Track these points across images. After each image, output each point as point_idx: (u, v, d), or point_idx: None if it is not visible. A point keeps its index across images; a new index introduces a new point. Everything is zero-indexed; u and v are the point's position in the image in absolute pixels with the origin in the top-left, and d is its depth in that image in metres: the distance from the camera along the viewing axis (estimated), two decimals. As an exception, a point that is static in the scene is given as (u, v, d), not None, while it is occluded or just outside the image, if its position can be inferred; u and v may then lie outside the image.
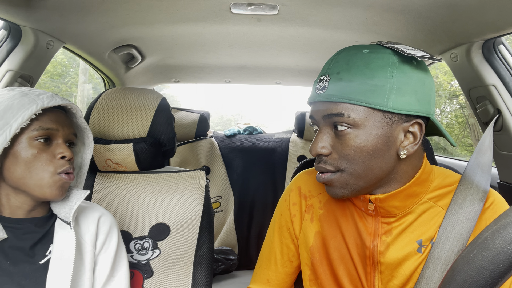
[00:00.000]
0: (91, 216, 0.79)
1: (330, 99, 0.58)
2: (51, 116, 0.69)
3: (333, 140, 0.60)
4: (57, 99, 0.70)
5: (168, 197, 1.03)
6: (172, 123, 1.07)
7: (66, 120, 0.73)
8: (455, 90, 6.69)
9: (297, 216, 0.75)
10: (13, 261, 0.68)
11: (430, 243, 0.62)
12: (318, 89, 0.60)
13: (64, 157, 0.70)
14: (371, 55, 0.57)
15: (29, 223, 0.71)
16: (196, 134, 2.09)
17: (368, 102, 0.56)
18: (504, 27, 0.93)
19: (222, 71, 2.00)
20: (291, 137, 2.18)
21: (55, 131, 0.69)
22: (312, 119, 0.63)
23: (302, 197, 0.75)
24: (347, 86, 0.56)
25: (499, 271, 0.31)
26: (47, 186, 0.68)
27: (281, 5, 1.07)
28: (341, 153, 0.58)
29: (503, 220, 0.33)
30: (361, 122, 0.56)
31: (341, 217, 0.69)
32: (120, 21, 1.22)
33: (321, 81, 0.59)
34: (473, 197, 0.61)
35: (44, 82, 8.40)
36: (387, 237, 0.64)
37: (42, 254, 0.70)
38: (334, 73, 0.58)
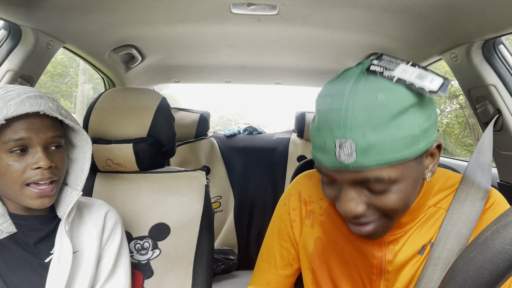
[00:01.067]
0: (98, 212, 0.80)
1: (363, 169, 0.50)
2: (21, 124, 0.64)
3: (369, 198, 0.53)
4: (25, 105, 0.63)
5: (168, 197, 1.03)
6: (172, 123, 1.07)
7: (42, 124, 0.66)
8: (455, 90, 6.68)
9: (297, 221, 0.73)
10: (21, 254, 0.69)
11: (429, 244, 0.61)
12: (342, 155, 0.50)
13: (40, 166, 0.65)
14: (390, 101, 0.48)
15: (34, 220, 0.72)
16: (196, 134, 2.09)
17: (405, 157, 0.50)
18: (504, 27, 0.93)
19: (222, 71, 2.00)
20: (291, 137, 2.18)
21: (28, 140, 0.65)
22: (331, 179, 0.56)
23: (302, 203, 0.73)
24: (380, 150, 0.48)
25: (499, 271, 0.31)
26: (22, 198, 0.66)
27: (281, 5, 1.07)
28: (382, 208, 0.53)
29: (503, 220, 0.33)
30: (400, 177, 0.51)
31: (344, 225, 0.67)
32: (120, 21, 1.22)
33: (343, 147, 0.49)
34: (474, 196, 0.61)
35: (44, 82, 8.40)
36: (394, 245, 0.63)
37: (47, 252, 0.71)
38: (358, 135, 0.48)
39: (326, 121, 0.52)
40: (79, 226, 0.77)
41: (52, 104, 0.68)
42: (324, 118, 0.52)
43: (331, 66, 1.81)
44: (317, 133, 0.54)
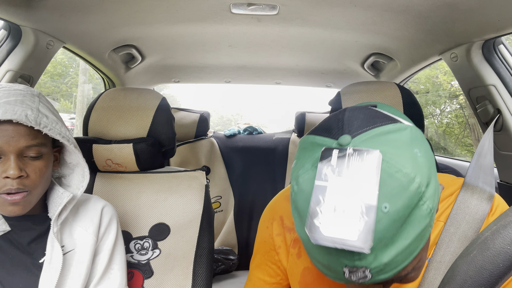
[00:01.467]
0: (94, 208, 0.80)
1: (381, 281, 0.43)
2: None
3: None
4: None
5: (168, 197, 1.03)
6: (172, 123, 1.07)
7: (16, 132, 0.63)
8: (455, 90, 6.69)
9: (282, 247, 0.68)
10: (15, 255, 0.69)
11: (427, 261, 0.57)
12: (353, 277, 0.41)
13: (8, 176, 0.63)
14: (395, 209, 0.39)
15: (26, 220, 0.71)
16: (196, 134, 2.09)
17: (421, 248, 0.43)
18: (504, 27, 0.93)
19: (222, 71, 2.00)
20: (291, 137, 2.18)
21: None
22: None
23: (286, 230, 0.68)
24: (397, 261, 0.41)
25: (499, 271, 0.31)
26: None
27: (281, 5, 1.07)
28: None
29: (503, 220, 0.33)
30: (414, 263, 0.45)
31: None
32: (120, 21, 1.22)
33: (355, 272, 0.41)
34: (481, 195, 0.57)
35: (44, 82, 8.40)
36: None
37: (41, 252, 0.71)
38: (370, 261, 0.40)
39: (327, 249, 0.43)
40: (74, 223, 0.76)
41: (32, 111, 0.64)
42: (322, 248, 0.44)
43: (331, 66, 1.81)
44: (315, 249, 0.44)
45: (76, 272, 0.74)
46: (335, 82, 2.11)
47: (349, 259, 0.40)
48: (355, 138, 0.42)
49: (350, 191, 0.39)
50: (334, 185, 0.40)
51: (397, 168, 0.40)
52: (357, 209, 0.38)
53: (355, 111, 0.46)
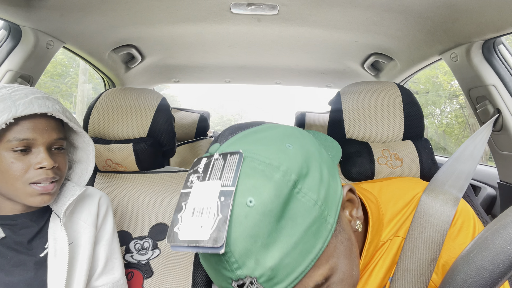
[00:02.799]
0: (92, 200, 0.81)
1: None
2: (27, 124, 0.65)
3: None
4: (34, 105, 0.64)
5: (168, 197, 1.03)
6: (172, 123, 1.07)
7: (47, 126, 0.67)
8: (455, 90, 6.69)
9: None
10: (13, 256, 0.68)
11: (388, 280, 0.53)
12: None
13: (43, 166, 0.66)
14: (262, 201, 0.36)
15: (24, 218, 0.71)
16: (196, 134, 2.09)
17: (320, 248, 0.39)
18: (504, 27, 0.93)
19: (222, 71, 2.00)
20: (291, 137, 2.18)
21: (32, 140, 0.65)
22: None
23: None
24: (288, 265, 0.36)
25: (499, 271, 0.31)
26: (24, 196, 0.66)
27: (281, 5, 1.07)
28: None
29: (503, 220, 0.33)
30: (333, 265, 0.40)
31: None
32: (120, 21, 1.22)
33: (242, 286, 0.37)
34: (446, 196, 0.54)
35: (44, 82, 8.40)
36: None
37: (42, 247, 0.71)
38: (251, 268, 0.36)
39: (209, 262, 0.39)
40: (73, 216, 0.77)
41: (59, 106, 0.69)
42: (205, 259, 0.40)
43: (331, 66, 1.81)
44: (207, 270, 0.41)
45: (81, 264, 0.74)
46: (335, 82, 2.11)
47: (228, 269, 0.36)
48: (223, 145, 0.42)
49: (209, 193, 0.37)
50: (196, 190, 0.38)
51: (260, 161, 0.38)
52: (212, 208, 0.36)
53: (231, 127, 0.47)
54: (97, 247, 0.80)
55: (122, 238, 0.98)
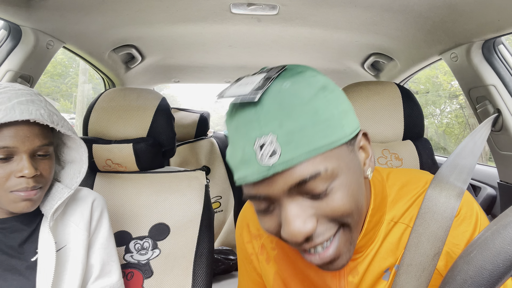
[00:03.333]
0: (85, 203, 0.78)
1: (292, 164, 0.41)
2: (8, 131, 0.61)
3: (314, 208, 0.44)
4: (15, 112, 0.60)
5: (168, 197, 1.03)
6: (172, 123, 1.07)
7: (30, 132, 0.64)
8: (455, 90, 6.69)
9: (254, 254, 0.67)
10: (4, 260, 0.67)
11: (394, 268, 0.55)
12: (265, 157, 0.42)
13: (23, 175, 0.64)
14: (296, 87, 0.44)
15: (15, 221, 0.70)
16: (196, 134, 2.09)
17: (334, 142, 0.43)
18: (504, 27, 0.93)
19: (222, 71, 2.00)
20: (291, 137, 2.18)
21: (13, 148, 0.62)
22: (263, 200, 0.46)
23: (252, 237, 0.66)
24: (304, 137, 0.42)
25: (499, 271, 0.31)
26: (6, 203, 0.65)
27: (281, 5, 1.07)
28: (333, 214, 0.44)
29: (503, 220, 0.33)
30: (337, 169, 0.44)
31: (297, 258, 0.60)
32: (120, 21, 1.22)
33: (263, 145, 0.42)
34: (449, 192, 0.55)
35: (44, 82, 8.40)
36: (353, 277, 0.56)
37: (33, 251, 0.70)
38: (275, 127, 0.42)
39: (238, 129, 0.45)
40: (65, 219, 0.75)
41: (44, 110, 0.65)
42: (235, 129, 0.46)
43: (331, 66, 1.81)
44: (234, 148, 0.46)
45: (72, 268, 0.73)
46: (335, 82, 2.11)
47: (256, 127, 0.43)
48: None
49: (255, 77, 0.48)
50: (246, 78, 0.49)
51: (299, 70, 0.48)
52: (255, 81, 0.46)
53: None
54: (92, 250, 0.78)
55: (122, 238, 0.98)
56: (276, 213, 0.46)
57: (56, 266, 0.69)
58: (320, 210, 0.44)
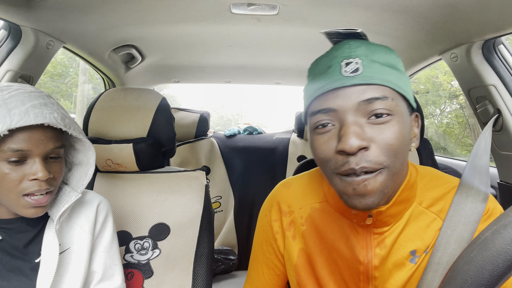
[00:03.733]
0: (90, 206, 0.79)
1: (370, 81, 0.51)
2: (23, 135, 0.62)
3: (369, 132, 0.51)
4: (30, 116, 0.61)
5: (168, 197, 1.03)
6: (172, 123, 1.07)
7: (44, 136, 0.64)
8: (455, 90, 6.69)
9: (279, 233, 0.70)
10: (9, 260, 0.68)
11: (424, 253, 0.59)
12: (347, 72, 0.52)
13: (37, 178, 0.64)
14: (380, 48, 0.56)
15: (21, 222, 0.70)
16: (196, 134, 2.09)
17: (400, 87, 0.53)
18: (504, 27, 0.93)
19: (222, 71, 2.00)
20: (291, 137, 2.18)
21: (27, 151, 0.63)
22: (328, 114, 0.53)
23: (282, 214, 0.70)
24: (383, 69, 0.52)
25: (499, 271, 0.31)
26: (16, 207, 0.65)
27: (281, 5, 1.07)
28: (383, 145, 0.50)
29: (503, 220, 0.33)
30: (398, 108, 0.52)
31: (327, 232, 0.65)
32: (120, 21, 1.22)
33: (349, 64, 0.52)
34: (475, 198, 0.58)
35: (44, 82, 8.40)
36: (381, 249, 0.60)
37: (37, 252, 0.70)
38: (362, 54, 0.53)
39: (327, 53, 0.56)
40: (70, 221, 0.76)
41: (57, 113, 0.66)
42: (325, 54, 0.57)
43: (331, 66, 1.81)
44: (318, 66, 0.57)
45: (73, 270, 0.73)
46: (335, 82, 2.11)
47: (346, 51, 0.54)
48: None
49: None
50: None
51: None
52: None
53: None
54: (95, 253, 0.78)
55: (122, 238, 0.98)
56: (333, 132, 0.53)
57: (58, 268, 0.69)
58: (375, 137, 0.51)
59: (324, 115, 0.53)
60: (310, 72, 0.61)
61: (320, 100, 0.54)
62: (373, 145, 0.51)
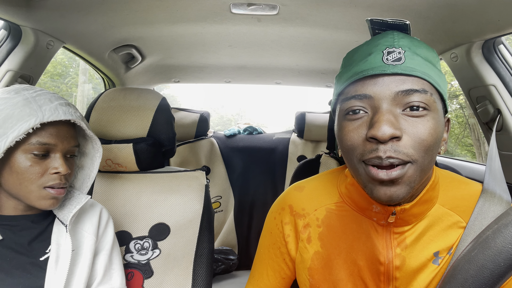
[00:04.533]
0: (93, 210, 0.82)
1: (411, 72, 0.50)
2: (51, 130, 0.67)
3: (403, 123, 0.50)
4: (59, 112, 0.66)
5: (168, 197, 1.03)
6: (172, 123, 1.07)
7: (68, 133, 0.70)
8: (455, 90, 6.69)
9: (291, 236, 0.68)
10: (13, 257, 0.68)
11: (447, 254, 0.57)
12: (389, 60, 0.51)
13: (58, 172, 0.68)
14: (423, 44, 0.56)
15: (25, 219, 0.72)
16: (196, 134, 2.09)
17: (439, 85, 0.52)
18: (504, 27, 0.93)
19: (222, 71, 2.00)
20: (291, 137, 2.18)
21: (53, 146, 0.68)
22: (362, 101, 0.52)
23: (296, 216, 0.68)
24: (425, 64, 0.52)
25: (500, 270, 0.31)
26: (35, 199, 0.68)
27: (281, 5, 1.07)
28: (416, 138, 0.50)
29: (504, 219, 0.33)
30: (435, 105, 0.51)
31: (345, 232, 0.63)
32: (120, 21, 1.22)
33: (391, 53, 0.52)
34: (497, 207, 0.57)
35: (44, 82, 8.39)
36: (401, 249, 0.59)
37: (43, 251, 0.71)
38: (406, 46, 0.52)
39: (369, 41, 0.56)
40: (75, 225, 0.78)
41: (79, 113, 0.72)
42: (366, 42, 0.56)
43: (331, 66, 1.81)
44: (358, 53, 0.56)
45: (81, 272, 0.74)
46: (335, 82, 2.11)
47: (390, 41, 0.53)
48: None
49: None
50: None
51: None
52: None
53: None
54: (97, 257, 0.80)
55: (122, 238, 0.98)
56: (364, 120, 0.53)
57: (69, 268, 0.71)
58: (408, 129, 0.50)
59: (358, 101, 0.53)
60: (346, 60, 0.59)
61: (356, 86, 0.53)
62: (406, 137, 0.50)
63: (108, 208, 1.00)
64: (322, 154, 1.09)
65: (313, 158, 1.10)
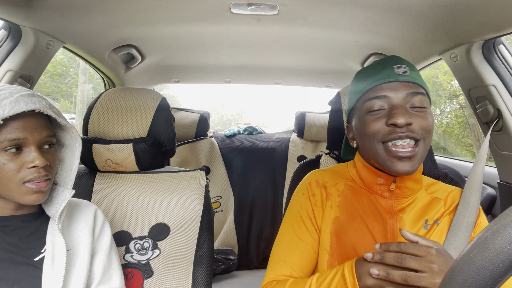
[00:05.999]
0: (88, 210, 0.81)
1: (414, 81, 0.72)
2: (16, 124, 0.64)
3: (411, 115, 0.70)
4: (20, 104, 0.63)
5: (168, 197, 1.03)
6: (172, 123, 1.07)
7: (37, 124, 0.67)
8: (455, 90, 6.69)
9: (318, 205, 0.81)
10: (7, 257, 0.68)
11: (435, 223, 0.75)
12: (399, 72, 0.73)
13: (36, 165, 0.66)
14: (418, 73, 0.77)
15: (16, 219, 0.71)
16: (196, 134, 2.09)
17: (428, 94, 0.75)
18: (504, 27, 0.93)
19: (222, 71, 2.00)
20: (291, 137, 2.18)
21: (23, 140, 0.65)
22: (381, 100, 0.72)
23: (321, 187, 0.82)
24: (420, 76, 0.75)
25: (499, 271, 0.31)
26: (17, 195, 0.67)
27: (281, 5, 1.07)
28: (422, 125, 0.70)
29: (503, 220, 0.33)
30: (428, 104, 0.73)
31: (358, 202, 0.79)
32: (120, 21, 1.22)
33: (400, 67, 0.73)
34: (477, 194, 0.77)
35: (44, 82, 8.40)
36: (403, 214, 0.76)
37: (38, 251, 0.71)
38: (408, 65, 0.74)
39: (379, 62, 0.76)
40: (70, 226, 0.77)
41: (45, 102, 0.68)
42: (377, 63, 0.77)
43: (331, 66, 1.81)
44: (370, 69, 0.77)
45: (78, 272, 0.74)
46: (335, 82, 2.11)
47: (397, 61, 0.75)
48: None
49: None
50: None
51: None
52: None
53: None
54: (95, 258, 0.80)
55: (122, 238, 0.98)
56: (382, 113, 0.72)
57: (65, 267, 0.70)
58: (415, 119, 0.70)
59: (378, 100, 0.72)
60: (360, 74, 0.79)
61: (375, 90, 0.73)
62: (415, 124, 0.70)
63: (108, 208, 1.00)
64: (322, 154, 1.09)
65: (313, 158, 1.10)
